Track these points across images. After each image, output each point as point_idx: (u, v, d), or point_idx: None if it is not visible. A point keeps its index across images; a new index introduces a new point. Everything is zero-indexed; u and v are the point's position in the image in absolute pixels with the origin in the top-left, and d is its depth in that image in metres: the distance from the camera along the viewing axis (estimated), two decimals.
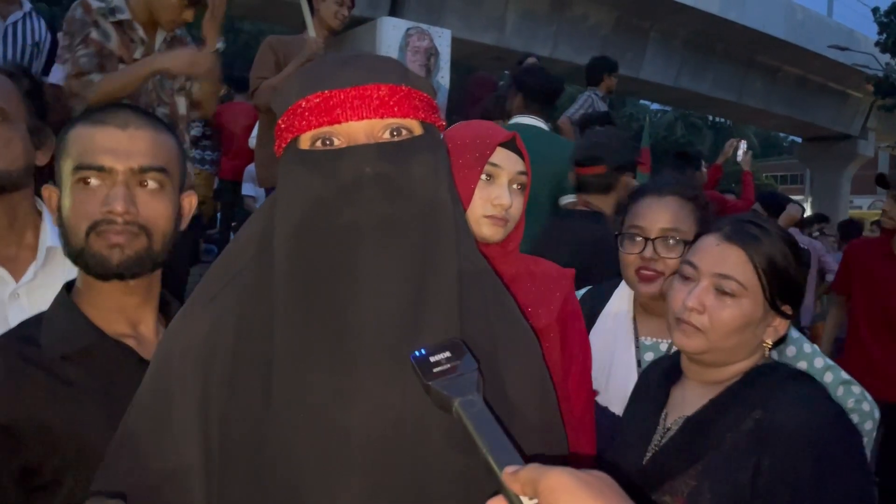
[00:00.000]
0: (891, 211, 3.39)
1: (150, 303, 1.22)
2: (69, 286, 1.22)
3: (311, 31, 3.45)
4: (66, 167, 1.14)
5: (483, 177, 1.30)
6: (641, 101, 22.93)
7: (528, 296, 1.34)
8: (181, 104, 2.69)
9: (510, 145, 1.33)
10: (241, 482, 0.78)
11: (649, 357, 1.71)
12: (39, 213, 1.55)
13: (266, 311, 0.80)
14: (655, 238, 1.62)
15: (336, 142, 0.80)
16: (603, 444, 1.43)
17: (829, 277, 5.29)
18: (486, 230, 1.30)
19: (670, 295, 1.28)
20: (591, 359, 1.48)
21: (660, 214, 1.63)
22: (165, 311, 1.26)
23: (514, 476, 0.60)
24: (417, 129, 0.83)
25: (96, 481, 0.87)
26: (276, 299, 0.80)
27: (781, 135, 33.34)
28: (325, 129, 0.80)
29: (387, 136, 0.81)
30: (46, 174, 1.50)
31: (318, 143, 0.81)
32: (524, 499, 0.60)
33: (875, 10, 18.34)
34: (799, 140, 23.55)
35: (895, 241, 3.39)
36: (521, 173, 1.33)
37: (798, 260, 1.23)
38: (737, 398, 1.18)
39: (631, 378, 1.68)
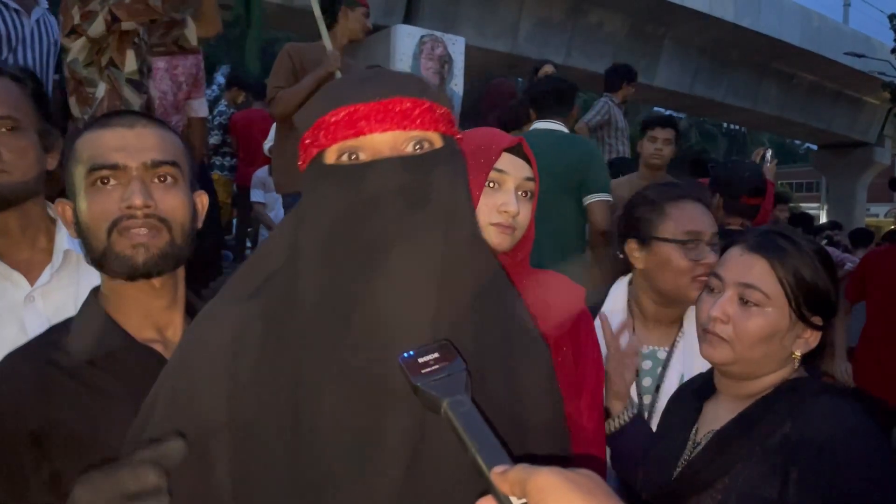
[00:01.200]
0: None
1: (176, 305, 1.21)
2: (97, 291, 1.21)
3: (329, 45, 3.48)
4: (79, 173, 1.14)
5: (489, 183, 1.26)
6: (656, 108, 22.87)
7: (537, 307, 1.27)
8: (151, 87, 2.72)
9: (517, 151, 1.29)
10: (272, 476, 0.81)
11: (647, 365, 1.70)
12: (52, 219, 1.54)
13: (294, 321, 0.83)
14: (708, 243, 1.64)
15: (361, 155, 0.82)
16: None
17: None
18: (493, 238, 1.25)
19: (697, 307, 1.28)
20: (604, 376, 1.45)
21: (707, 221, 1.67)
22: (192, 315, 1.22)
23: (502, 476, 0.60)
24: (438, 142, 0.85)
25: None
26: (304, 310, 0.82)
27: (797, 142, 33.12)
28: (350, 142, 0.82)
29: (410, 148, 0.83)
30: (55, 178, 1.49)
31: (344, 157, 0.82)
32: (513, 499, 0.59)
33: (891, 17, 18.20)
34: (814, 147, 23.37)
35: None
36: (529, 179, 1.29)
37: (830, 272, 1.21)
38: (766, 411, 1.17)
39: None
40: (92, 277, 1.47)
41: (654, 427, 1.55)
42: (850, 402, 1.16)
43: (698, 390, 1.34)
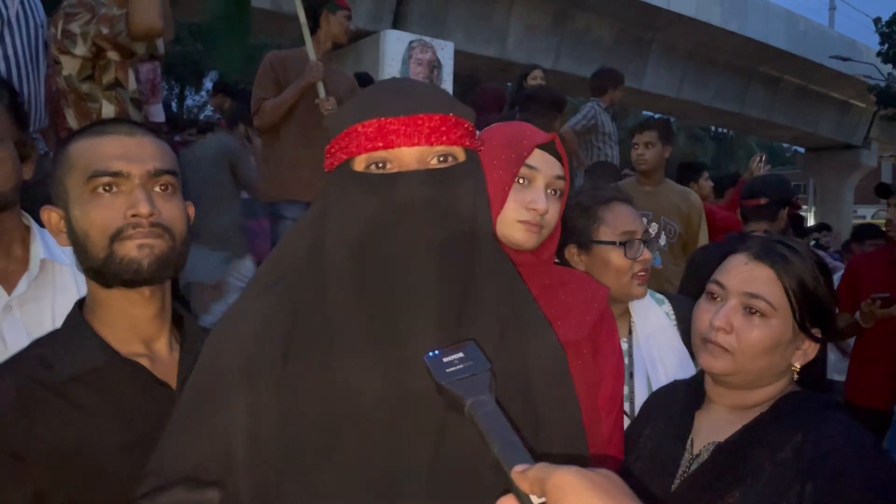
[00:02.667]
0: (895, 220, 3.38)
1: (164, 316, 1.19)
2: (81, 303, 1.19)
3: (312, 56, 3.45)
4: (75, 180, 1.12)
5: (518, 179, 1.24)
6: (644, 112, 22.99)
7: (560, 307, 1.28)
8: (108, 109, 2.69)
9: (549, 148, 1.27)
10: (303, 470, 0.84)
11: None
12: (27, 227, 1.52)
13: (318, 322, 0.87)
14: (642, 240, 1.74)
15: (389, 166, 0.87)
16: None
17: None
18: (519, 235, 1.23)
19: (695, 315, 1.24)
20: (623, 377, 1.44)
21: (637, 219, 1.77)
22: (179, 325, 1.23)
23: (523, 475, 0.62)
24: (462, 156, 0.90)
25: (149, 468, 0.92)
26: (331, 312, 0.87)
27: (784, 145, 33.34)
28: (380, 153, 0.86)
29: (435, 162, 0.88)
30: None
31: (373, 167, 0.87)
32: (533, 497, 0.61)
33: (876, 21, 18.38)
34: (801, 150, 23.54)
35: None
36: (559, 178, 1.27)
37: (828, 282, 1.19)
38: (773, 425, 1.14)
39: None
40: (68, 288, 1.47)
41: (634, 412, 1.56)
42: (852, 418, 1.14)
43: (688, 398, 1.30)
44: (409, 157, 0.86)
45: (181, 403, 0.95)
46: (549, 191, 1.26)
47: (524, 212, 1.23)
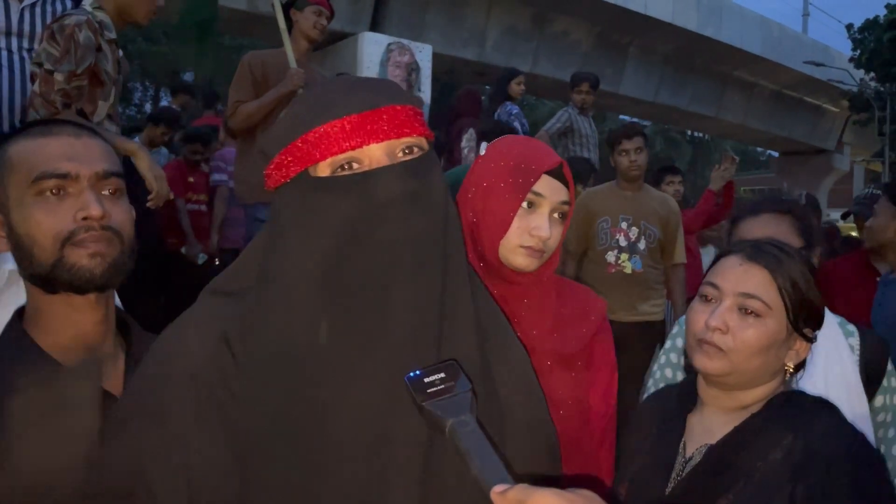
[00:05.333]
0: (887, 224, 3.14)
1: (108, 321, 1.14)
2: (21, 313, 1.14)
3: (293, 63, 3.39)
4: (17, 183, 1.07)
5: (524, 204, 1.24)
6: (621, 116, 23.19)
7: (556, 320, 1.29)
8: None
9: (556, 173, 1.27)
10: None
11: None
12: None
13: (279, 338, 0.82)
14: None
15: (357, 165, 0.82)
16: None
17: None
18: (521, 260, 1.24)
19: (690, 317, 1.24)
20: (617, 377, 1.43)
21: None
22: (124, 333, 1.18)
23: (502, 496, 0.62)
24: (425, 146, 0.87)
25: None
26: (308, 323, 0.80)
27: (759, 149, 33.81)
28: (346, 154, 0.81)
29: (403, 154, 0.83)
30: None
31: (339, 170, 0.82)
32: None
33: (849, 27, 18.74)
34: (776, 154, 23.89)
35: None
36: (564, 203, 1.28)
37: (818, 283, 1.21)
38: (764, 425, 1.15)
39: None
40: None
41: None
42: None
43: (680, 401, 1.30)
44: (377, 153, 0.81)
45: (119, 408, 0.90)
46: (553, 215, 1.27)
47: (527, 237, 1.23)
